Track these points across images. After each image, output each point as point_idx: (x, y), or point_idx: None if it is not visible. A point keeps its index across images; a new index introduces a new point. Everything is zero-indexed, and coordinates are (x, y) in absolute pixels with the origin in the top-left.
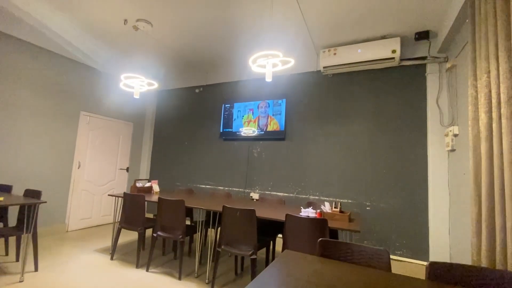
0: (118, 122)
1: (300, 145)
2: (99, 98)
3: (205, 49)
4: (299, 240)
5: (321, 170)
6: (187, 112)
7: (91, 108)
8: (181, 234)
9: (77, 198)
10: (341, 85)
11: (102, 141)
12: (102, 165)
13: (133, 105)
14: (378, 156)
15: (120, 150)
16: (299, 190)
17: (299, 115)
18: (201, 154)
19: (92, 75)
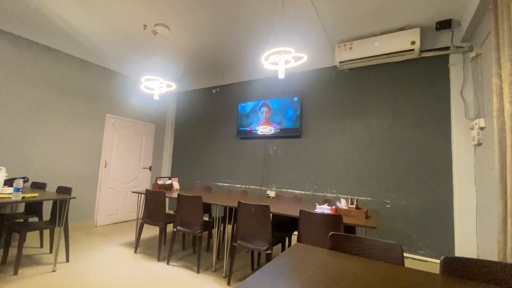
0: (140, 123)
1: (317, 142)
2: (122, 101)
3: (220, 49)
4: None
5: (338, 167)
6: (205, 113)
7: (115, 110)
8: (199, 229)
9: (104, 195)
10: (358, 80)
11: (126, 142)
12: (126, 164)
13: (154, 107)
14: (398, 152)
15: (143, 150)
16: (316, 188)
17: (315, 112)
18: (219, 153)
19: (116, 78)
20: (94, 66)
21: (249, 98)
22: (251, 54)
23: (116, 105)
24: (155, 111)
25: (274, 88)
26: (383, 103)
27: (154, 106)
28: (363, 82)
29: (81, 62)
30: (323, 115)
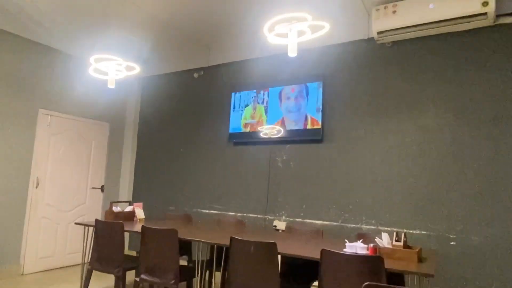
0: (89, 123)
1: (346, 148)
2: (63, 91)
3: (206, 15)
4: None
5: (378, 186)
6: (182, 107)
7: (52, 105)
8: (174, 279)
9: (35, 228)
10: (406, 58)
11: (68, 149)
12: (68, 183)
13: (109, 99)
14: (466, 164)
15: (93, 161)
16: (345, 217)
17: (343, 105)
18: (203, 166)
19: (54, 59)
20: (19, 40)
21: (247, 86)
22: (249, 22)
23: (53, 97)
24: (110, 105)
25: (283, 71)
26: (442, 92)
27: (109, 98)
28: (413, 61)
29: None
30: (355, 110)
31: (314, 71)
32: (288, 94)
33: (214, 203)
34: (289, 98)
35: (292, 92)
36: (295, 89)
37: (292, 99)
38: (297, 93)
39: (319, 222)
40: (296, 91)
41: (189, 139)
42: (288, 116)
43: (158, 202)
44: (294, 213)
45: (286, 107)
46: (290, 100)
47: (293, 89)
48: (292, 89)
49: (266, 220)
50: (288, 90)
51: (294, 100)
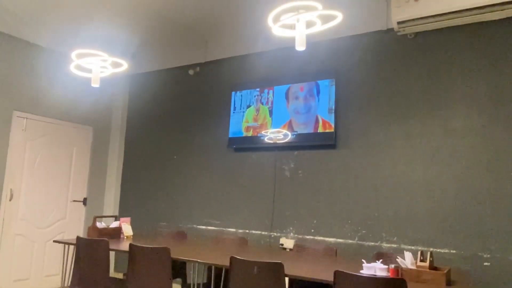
0: (70, 127)
1: (363, 155)
2: (40, 90)
3: (203, 4)
4: None
5: (400, 198)
6: (176, 108)
7: (28, 106)
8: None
9: (9, 247)
10: (431, 52)
11: (46, 157)
12: (46, 196)
13: (93, 100)
14: (501, 172)
15: (74, 170)
16: (362, 234)
17: (359, 105)
18: (200, 175)
19: (31, 54)
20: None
21: (249, 84)
22: (252, 12)
23: (30, 98)
24: (94, 106)
25: (290, 68)
26: (473, 90)
27: (93, 99)
28: (439, 55)
29: None
30: (373, 111)
31: (326, 67)
32: (296, 93)
33: (212, 218)
34: (298, 97)
35: (301, 91)
36: (304, 88)
37: (300, 98)
38: (306, 92)
39: (332, 239)
40: (305, 90)
41: (183, 145)
42: (296, 118)
43: (148, 217)
44: (304, 230)
45: (294, 108)
46: (299, 100)
47: (302, 87)
48: (301, 87)
49: (271, 238)
50: (296, 88)
51: (303, 100)
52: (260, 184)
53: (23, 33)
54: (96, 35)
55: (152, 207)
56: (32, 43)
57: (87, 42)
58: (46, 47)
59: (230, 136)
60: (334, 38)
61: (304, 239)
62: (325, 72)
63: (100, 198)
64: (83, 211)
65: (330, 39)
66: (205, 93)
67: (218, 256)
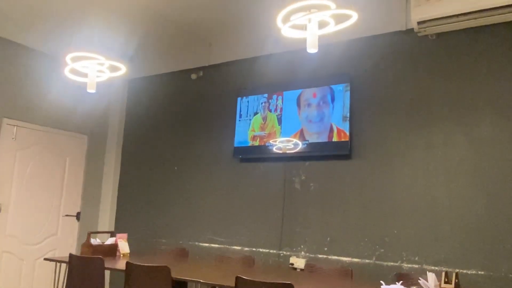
0: (63, 135)
1: (380, 166)
2: (32, 96)
3: (207, 4)
4: None
5: (421, 213)
6: (177, 115)
7: (18, 113)
8: None
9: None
10: (454, 54)
11: (37, 168)
12: (36, 209)
13: (89, 106)
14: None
15: (67, 182)
16: (380, 252)
17: (376, 112)
18: (202, 188)
19: (22, 57)
20: None
21: (256, 89)
22: (259, 11)
23: (20, 104)
24: (89, 113)
25: (301, 71)
26: (501, 95)
27: (88, 105)
28: (463, 57)
29: None
30: (391, 118)
31: (340, 70)
32: (309, 99)
33: (215, 234)
34: (310, 104)
35: (314, 97)
36: (317, 93)
37: (313, 105)
38: (319, 98)
39: (347, 259)
40: (318, 96)
41: (185, 155)
42: (308, 126)
43: (147, 233)
44: (316, 248)
45: (306, 116)
46: (311, 106)
47: (315, 93)
48: (314, 93)
49: (280, 256)
50: (309, 94)
51: (316, 106)
52: (268, 198)
53: (15, 35)
54: (92, 37)
55: (151, 223)
56: (24, 46)
57: (82, 45)
58: (39, 50)
59: (235, 145)
60: (348, 40)
61: (316, 259)
62: (339, 76)
63: (95, 213)
64: (76, 227)
65: (345, 40)
66: (208, 99)
67: (222, 276)
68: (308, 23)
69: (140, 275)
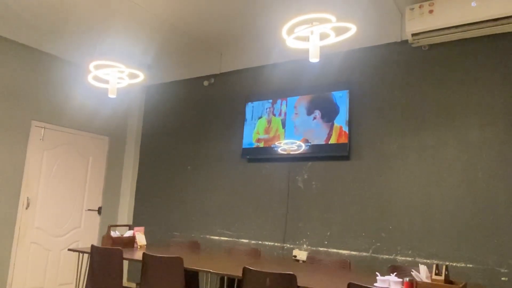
0: (86, 137)
1: (377, 166)
2: (58, 101)
3: (218, 17)
4: None
5: (415, 210)
6: (190, 119)
7: (46, 116)
8: None
9: (24, 255)
10: (445, 63)
11: (63, 166)
12: (61, 204)
13: (110, 110)
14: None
15: (90, 180)
16: (377, 246)
17: (373, 117)
18: (213, 186)
19: (49, 65)
20: (11, 44)
21: (263, 95)
22: (266, 24)
23: (47, 108)
24: (110, 116)
25: (304, 79)
26: (488, 101)
27: (109, 109)
28: (454, 66)
29: None
30: (387, 122)
31: (340, 78)
32: (311, 104)
33: (225, 228)
34: (312, 109)
35: (315, 102)
36: (318, 99)
37: (315, 110)
38: (320, 103)
39: (346, 252)
40: (319, 101)
41: (197, 155)
42: (310, 130)
43: (162, 227)
44: (317, 241)
45: (309, 120)
46: (314, 112)
47: (316, 98)
48: (315, 98)
49: (284, 249)
50: (311, 100)
51: (318, 112)
52: (274, 195)
53: (42, 44)
54: (113, 47)
55: (166, 217)
56: (51, 54)
57: (104, 54)
58: (64, 59)
59: (243, 146)
60: (348, 50)
61: (317, 251)
62: (339, 83)
63: (115, 208)
64: (98, 220)
65: (344, 51)
66: (219, 103)
67: (231, 267)
68: (310, 35)
69: (156, 265)
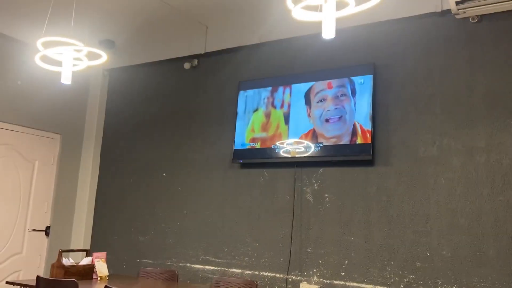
0: (32, 135)
1: (410, 175)
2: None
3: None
4: None
5: (460, 232)
6: (167, 111)
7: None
8: None
9: None
10: (502, 39)
11: (0, 173)
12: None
13: (62, 101)
14: None
15: (35, 191)
16: (410, 279)
17: (405, 109)
18: (195, 199)
19: None
20: None
21: (262, 81)
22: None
23: None
24: (63, 109)
25: (315, 61)
26: None
27: (62, 99)
28: None
29: None
30: (423, 116)
31: (361, 60)
32: (323, 93)
33: (211, 254)
34: (325, 99)
35: (329, 91)
36: (333, 86)
37: (329, 101)
38: (336, 92)
39: (369, 286)
40: (335, 89)
41: (175, 159)
42: (322, 125)
43: (129, 252)
44: (331, 272)
45: (320, 113)
46: (327, 102)
47: (331, 86)
48: (329, 86)
49: (288, 282)
50: (323, 87)
51: (333, 102)
52: (274, 211)
53: None
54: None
55: (134, 240)
56: None
57: (56, 29)
58: (1, 33)
59: (235, 147)
60: (372, 23)
61: (331, 285)
62: (360, 66)
63: (68, 227)
64: (45, 244)
65: (368, 24)
66: (204, 92)
67: None
68: (324, 4)
69: None
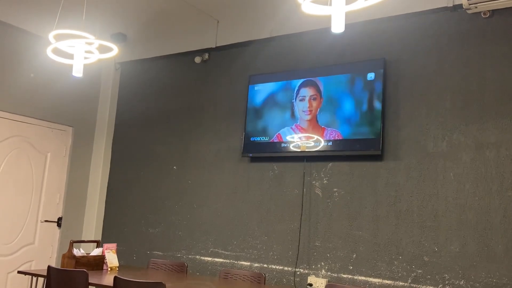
0: (44, 127)
1: (419, 170)
2: (6, 81)
3: None
4: None
5: (468, 227)
6: (177, 105)
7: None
8: None
9: None
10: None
11: (12, 165)
12: (9, 214)
13: (75, 94)
14: None
15: (48, 182)
16: (418, 274)
17: (415, 104)
18: (205, 192)
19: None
20: None
21: (272, 75)
22: None
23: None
24: (75, 101)
25: (325, 55)
26: None
27: (74, 93)
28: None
29: None
30: (433, 112)
31: (372, 54)
32: (333, 87)
33: (220, 247)
34: (333, 94)
35: (339, 85)
36: (343, 81)
37: (337, 96)
38: (346, 87)
39: (377, 280)
40: (345, 84)
41: (185, 152)
42: (330, 120)
43: (139, 244)
44: (339, 266)
45: (328, 108)
46: (335, 97)
47: (341, 80)
48: (339, 80)
49: (296, 275)
50: (334, 82)
51: (342, 96)
52: (284, 205)
53: None
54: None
55: (144, 231)
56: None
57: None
58: (16, 26)
59: (245, 141)
60: (383, 18)
61: (339, 279)
62: (370, 61)
63: (79, 219)
64: (57, 234)
65: (378, 18)
66: (215, 86)
67: None
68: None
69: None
